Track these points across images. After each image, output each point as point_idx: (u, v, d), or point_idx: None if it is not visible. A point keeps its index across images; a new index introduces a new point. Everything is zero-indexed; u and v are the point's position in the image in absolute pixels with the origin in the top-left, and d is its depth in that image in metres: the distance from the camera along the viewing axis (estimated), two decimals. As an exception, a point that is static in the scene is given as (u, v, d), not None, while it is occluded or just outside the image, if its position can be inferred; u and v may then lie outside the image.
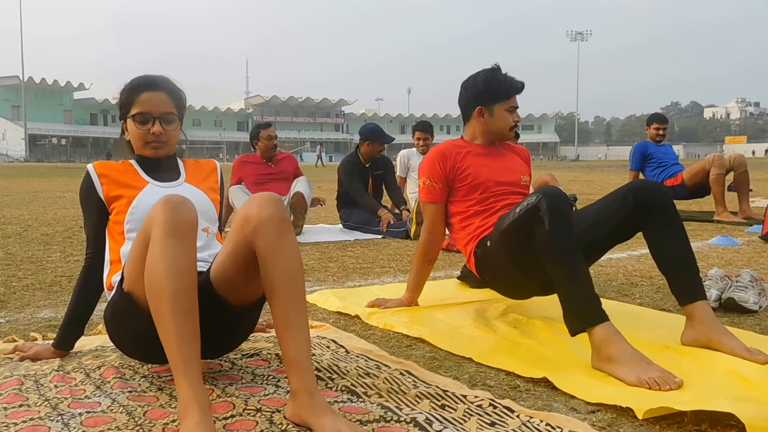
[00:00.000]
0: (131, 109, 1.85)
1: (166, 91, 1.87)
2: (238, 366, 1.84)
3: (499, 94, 2.49)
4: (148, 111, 1.83)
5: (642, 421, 1.47)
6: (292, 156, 5.85)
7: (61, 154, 69.29)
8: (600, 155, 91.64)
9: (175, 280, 1.40)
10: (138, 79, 1.89)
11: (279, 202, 1.53)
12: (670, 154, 6.72)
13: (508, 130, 2.54)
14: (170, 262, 1.41)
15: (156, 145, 1.86)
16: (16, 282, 3.18)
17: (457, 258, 3.94)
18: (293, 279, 1.47)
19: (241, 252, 1.52)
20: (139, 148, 1.89)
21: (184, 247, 1.44)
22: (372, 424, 1.42)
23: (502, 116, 2.51)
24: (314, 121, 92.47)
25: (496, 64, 2.54)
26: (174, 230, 1.43)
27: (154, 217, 1.47)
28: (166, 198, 1.48)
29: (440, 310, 2.56)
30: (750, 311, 2.49)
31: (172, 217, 1.44)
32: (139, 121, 1.84)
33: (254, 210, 1.49)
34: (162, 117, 1.84)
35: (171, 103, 1.87)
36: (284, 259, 1.47)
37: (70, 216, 6.57)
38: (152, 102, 1.84)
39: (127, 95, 1.87)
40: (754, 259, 3.86)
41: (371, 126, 5.78)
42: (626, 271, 3.48)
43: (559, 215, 1.93)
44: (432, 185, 2.53)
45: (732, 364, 1.77)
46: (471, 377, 1.81)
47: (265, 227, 1.47)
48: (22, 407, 1.53)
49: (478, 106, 2.53)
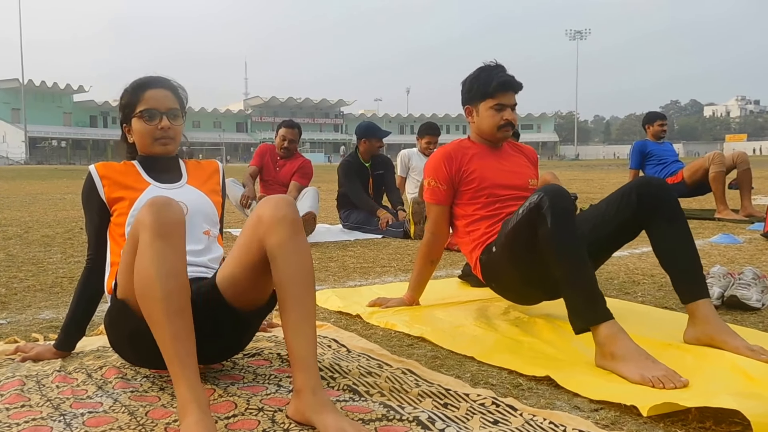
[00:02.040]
0: (137, 107, 1.85)
1: (169, 88, 1.89)
2: (239, 365, 1.84)
3: (481, 92, 2.45)
4: (155, 107, 1.84)
5: (646, 419, 1.46)
6: (305, 164, 5.40)
7: (61, 157, 69.22)
8: (602, 155, 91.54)
9: (165, 282, 1.40)
10: (140, 79, 1.90)
11: (292, 204, 1.55)
12: (669, 151, 6.72)
13: (496, 129, 2.46)
14: (159, 264, 1.41)
15: (164, 141, 1.87)
16: (17, 283, 3.18)
17: (458, 257, 3.94)
18: (304, 277, 1.48)
19: (254, 252, 1.53)
20: (147, 146, 1.88)
21: (172, 248, 1.44)
22: (374, 422, 1.42)
23: (487, 115, 2.45)
24: (313, 121, 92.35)
25: (493, 60, 2.49)
26: (161, 232, 1.43)
27: (140, 220, 1.47)
28: (151, 200, 1.48)
29: (442, 309, 2.56)
30: (753, 309, 2.48)
31: (157, 219, 1.44)
32: (146, 118, 1.84)
33: (268, 211, 1.51)
34: (168, 112, 1.85)
35: (174, 99, 1.89)
36: (296, 257, 1.48)
37: (70, 218, 6.57)
38: (157, 98, 1.85)
39: (131, 95, 1.87)
40: (756, 256, 3.86)
41: (365, 124, 5.80)
42: (628, 269, 3.48)
43: (561, 213, 1.92)
44: (437, 186, 2.50)
45: (735, 362, 1.77)
46: (473, 376, 1.81)
47: (279, 227, 1.48)
48: (24, 408, 1.52)
49: (466, 106, 2.53)
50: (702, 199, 7.01)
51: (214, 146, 71.44)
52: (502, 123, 2.45)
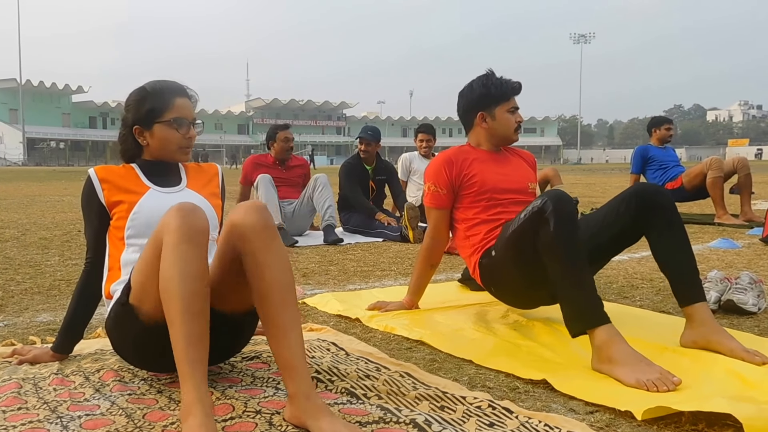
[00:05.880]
0: (166, 113, 1.85)
1: (192, 98, 1.93)
2: (237, 369, 1.85)
3: (497, 96, 2.48)
4: (185, 116, 1.87)
5: (640, 422, 1.47)
6: (306, 164, 5.74)
7: (60, 158, 69.09)
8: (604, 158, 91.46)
9: (186, 284, 1.41)
10: (165, 85, 1.89)
11: (264, 209, 1.53)
12: (671, 156, 6.72)
13: (513, 131, 2.53)
14: (183, 266, 1.42)
15: (187, 150, 1.91)
16: (14, 286, 3.18)
17: (458, 261, 3.94)
18: (282, 285, 1.48)
19: (229, 259, 1.54)
20: (169, 153, 1.89)
21: (197, 253, 1.45)
22: (371, 425, 1.42)
23: (504, 118, 2.50)
24: (315, 124, 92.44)
25: (490, 69, 2.53)
26: (187, 236, 1.45)
27: (167, 224, 1.48)
28: (179, 205, 1.50)
29: (441, 312, 2.56)
30: (749, 313, 2.49)
31: (185, 224, 1.45)
32: (177, 126, 1.86)
33: (239, 218, 1.51)
34: (194, 122, 1.90)
35: (193, 109, 1.93)
36: (272, 265, 1.48)
37: (68, 220, 6.57)
38: (186, 107, 1.88)
39: (159, 99, 1.86)
40: (754, 261, 3.86)
41: (364, 126, 5.98)
42: (627, 273, 3.48)
43: (564, 217, 1.93)
44: (437, 191, 2.51)
45: (731, 365, 1.77)
46: (471, 379, 1.81)
47: (251, 235, 1.48)
48: (21, 410, 1.53)
49: (479, 112, 2.52)
50: (702, 204, 7.01)
51: (215, 148, 71.42)
52: (517, 125, 2.53)
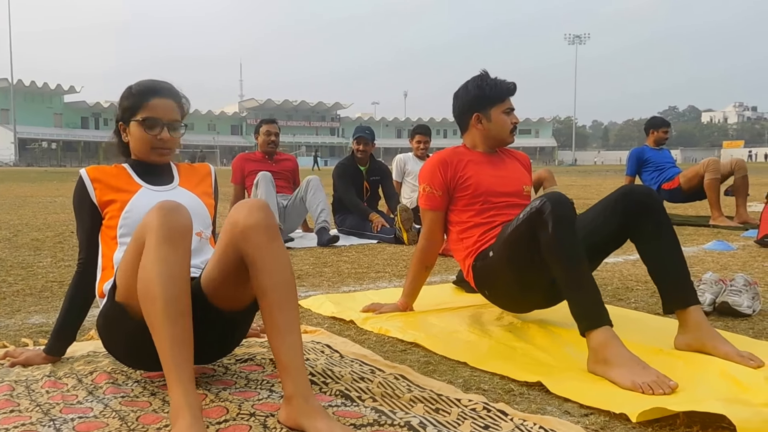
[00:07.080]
0: (138, 113, 1.84)
1: (175, 99, 1.88)
2: (231, 371, 1.84)
3: (493, 97, 2.47)
4: (158, 116, 1.83)
5: (635, 424, 1.46)
6: (293, 158, 5.85)
7: (52, 158, 68.72)
8: (597, 160, 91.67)
9: (168, 286, 1.40)
10: (147, 83, 1.88)
11: (266, 208, 1.53)
12: (667, 157, 6.73)
13: (509, 133, 2.51)
14: (163, 268, 1.41)
15: (161, 151, 1.87)
16: (6, 287, 3.16)
17: (452, 263, 3.94)
18: (283, 285, 1.47)
19: (230, 258, 1.52)
20: (143, 153, 1.88)
21: (178, 253, 1.44)
22: (366, 427, 1.42)
23: (500, 119, 2.48)
24: (309, 124, 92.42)
25: (484, 70, 2.52)
26: (168, 236, 1.43)
27: (147, 223, 1.47)
28: (160, 204, 1.48)
29: (435, 314, 2.56)
30: (743, 315, 2.49)
31: (166, 224, 1.44)
32: (147, 126, 1.83)
33: (242, 216, 1.49)
34: (169, 124, 1.85)
35: (177, 110, 1.88)
36: (273, 265, 1.47)
37: (60, 221, 6.54)
38: (162, 108, 1.84)
39: (135, 98, 1.85)
40: (749, 263, 3.87)
41: (358, 126, 6.01)
42: (621, 275, 3.48)
43: (563, 219, 1.93)
44: (432, 192, 2.50)
45: (725, 368, 1.77)
46: (465, 381, 1.81)
47: (253, 233, 1.47)
48: (14, 413, 1.52)
49: (474, 113, 2.51)
50: (698, 206, 7.03)
51: (208, 149, 71.22)
52: (512, 126, 2.52)
